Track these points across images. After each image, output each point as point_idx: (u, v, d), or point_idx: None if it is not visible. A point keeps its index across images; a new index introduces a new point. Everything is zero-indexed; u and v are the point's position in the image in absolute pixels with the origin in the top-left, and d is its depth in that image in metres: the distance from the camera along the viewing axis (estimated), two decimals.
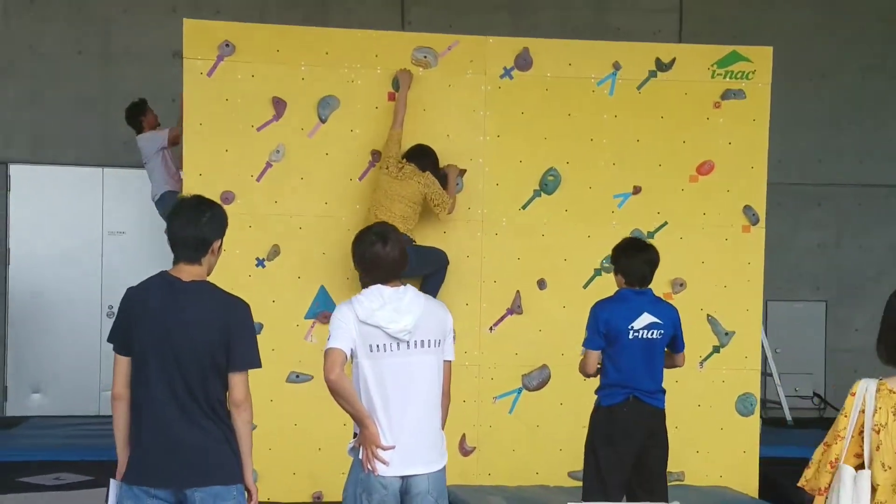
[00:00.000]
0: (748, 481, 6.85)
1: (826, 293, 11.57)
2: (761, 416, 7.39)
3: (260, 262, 6.66)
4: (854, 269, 11.60)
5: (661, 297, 5.55)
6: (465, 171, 6.69)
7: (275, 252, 6.65)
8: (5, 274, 10.69)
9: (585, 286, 6.81)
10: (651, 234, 6.77)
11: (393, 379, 3.95)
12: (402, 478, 3.94)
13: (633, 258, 5.03)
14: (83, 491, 6.76)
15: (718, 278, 6.90)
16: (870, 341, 12.40)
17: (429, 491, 3.95)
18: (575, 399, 6.69)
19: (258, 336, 3.97)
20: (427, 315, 4.02)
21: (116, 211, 11.32)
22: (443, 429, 4.11)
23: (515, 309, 6.75)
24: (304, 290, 6.70)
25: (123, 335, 3.89)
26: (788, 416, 9.57)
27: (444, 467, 4.04)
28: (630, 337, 4.91)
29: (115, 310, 4.08)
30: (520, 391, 6.77)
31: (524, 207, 6.80)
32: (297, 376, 6.64)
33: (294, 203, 6.69)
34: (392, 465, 3.92)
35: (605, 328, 4.93)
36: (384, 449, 3.91)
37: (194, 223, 3.87)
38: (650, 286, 5.08)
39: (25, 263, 11.10)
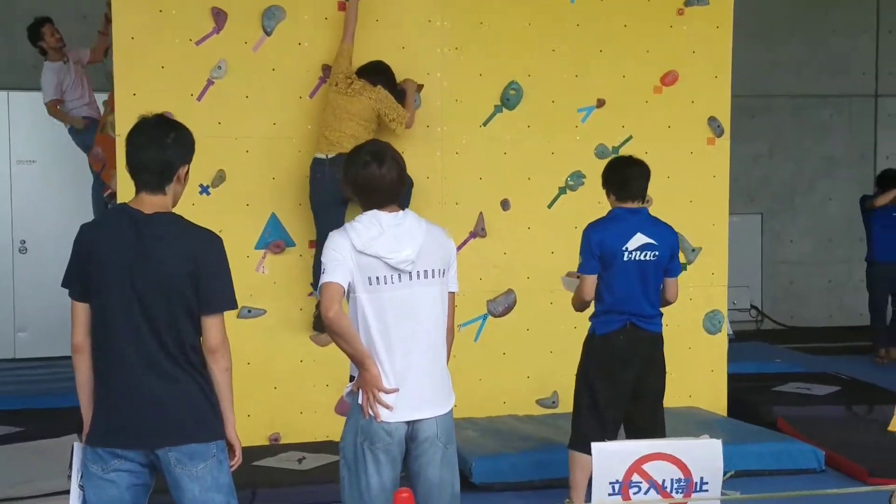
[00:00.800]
0: (717, 400, 6.72)
1: (760, 205, 11.54)
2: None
3: (204, 189, 6.18)
4: (788, 182, 11.57)
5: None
6: (422, 86, 6.27)
7: (220, 178, 6.17)
8: None
9: (550, 206, 6.51)
10: (616, 150, 6.48)
11: (395, 314, 3.58)
12: (408, 423, 3.59)
13: (624, 172, 4.71)
14: (15, 445, 6.21)
15: (684, 193, 6.67)
16: (805, 253, 12.59)
17: (437, 436, 3.62)
18: (542, 325, 6.46)
19: None
20: (429, 242, 3.66)
21: (25, 138, 10.58)
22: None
23: (479, 232, 6.42)
24: (254, 218, 6.25)
25: (79, 279, 3.43)
26: (730, 330, 9.51)
27: (452, 409, 3.71)
28: (624, 259, 4.61)
29: (27, 245, 3.56)
30: (485, 318, 6.47)
31: (485, 124, 6.43)
32: (249, 311, 6.23)
33: (239, 124, 6.19)
34: (396, 410, 3.56)
35: (599, 250, 4.61)
36: (387, 392, 3.55)
37: (157, 145, 3.41)
38: (644, 205, 4.77)
39: None
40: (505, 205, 6.46)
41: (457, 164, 6.37)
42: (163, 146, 3.42)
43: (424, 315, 3.62)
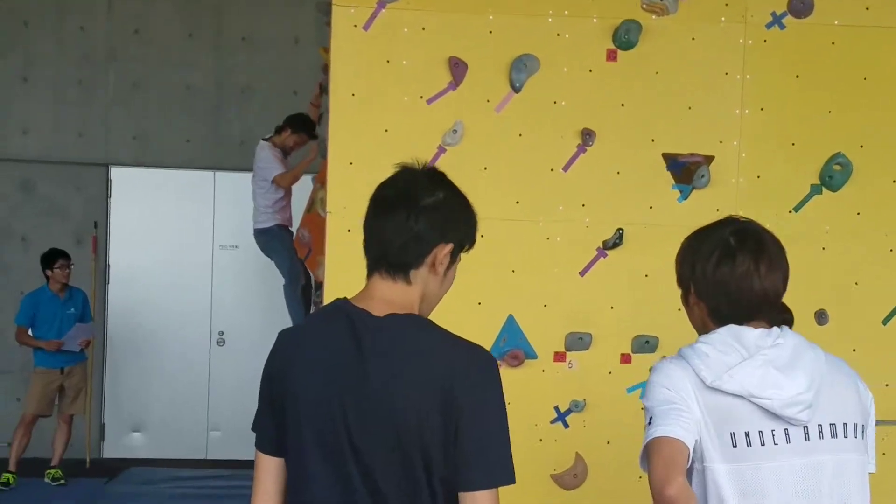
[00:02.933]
0: None
1: None
2: None
3: None
4: None
5: None
6: (711, 158, 4.81)
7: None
8: (104, 293, 9.15)
9: (885, 321, 4.86)
10: None
11: (782, 500, 2.08)
12: None
13: None
14: None
15: None
16: None
17: None
18: None
19: None
20: (832, 377, 2.17)
21: (228, 220, 9.75)
22: None
23: None
24: (487, 320, 4.89)
25: (272, 419, 2.13)
26: None
27: None
28: None
29: (224, 337, 2.32)
30: None
31: (797, 209, 4.87)
32: None
33: (474, 202, 4.88)
34: None
35: None
36: None
37: (406, 205, 2.20)
38: None
39: (126, 281, 9.58)
40: (821, 317, 4.85)
41: None
42: (416, 209, 2.17)
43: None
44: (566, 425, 4.91)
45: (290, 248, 7.39)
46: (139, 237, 9.62)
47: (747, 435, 2.07)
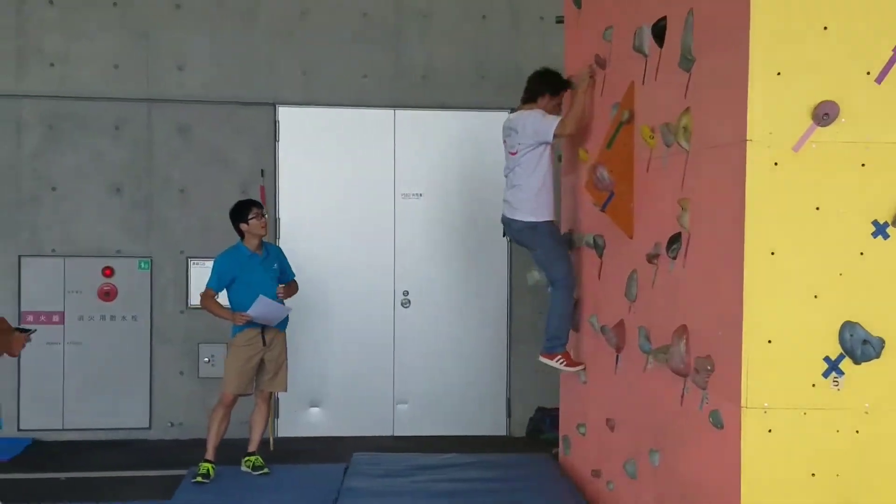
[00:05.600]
0: None
1: None
2: None
3: (880, 230, 3.67)
4: None
5: None
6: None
7: None
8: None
9: None
10: None
11: None
12: None
13: None
14: None
15: None
16: None
17: None
18: None
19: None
20: None
21: (410, 165, 8.55)
22: None
23: None
24: None
25: None
26: None
27: None
28: None
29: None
30: None
31: None
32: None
33: None
34: None
35: None
36: None
37: None
38: None
39: (296, 235, 8.42)
40: None
41: None
42: None
43: None
44: None
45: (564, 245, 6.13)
46: (310, 186, 8.44)
47: None
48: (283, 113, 8.42)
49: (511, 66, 8.37)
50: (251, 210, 6.73)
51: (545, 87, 6.04)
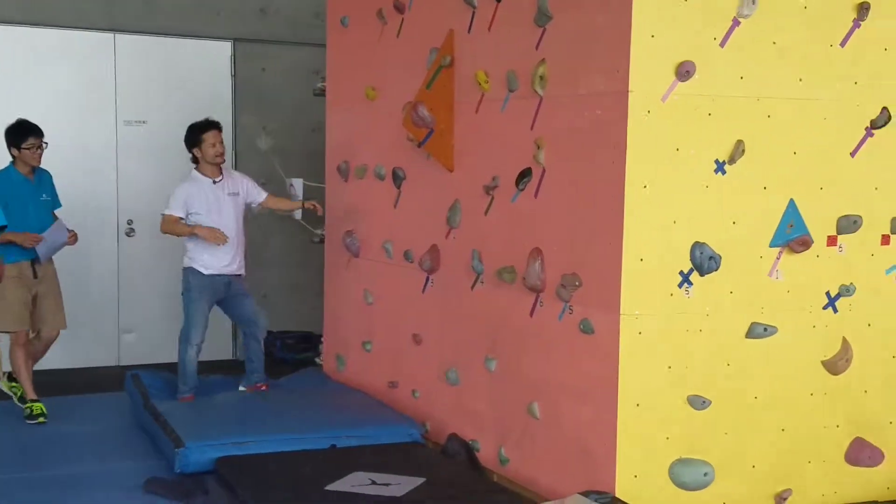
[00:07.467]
0: None
1: None
2: None
3: (720, 167, 4.55)
4: None
5: None
6: None
7: (739, 151, 4.56)
8: None
9: None
10: None
11: None
12: None
13: None
14: None
15: None
16: None
17: None
18: None
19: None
20: None
21: (132, 93, 8.32)
22: None
23: None
24: (769, 205, 4.68)
25: None
26: None
27: None
28: None
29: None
30: None
31: None
32: (765, 329, 4.67)
33: (763, 80, 4.60)
34: None
35: None
36: None
37: None
38: None
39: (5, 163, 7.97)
40: None
41: None
42: None
43: None
44: (836, 310, 4.86)
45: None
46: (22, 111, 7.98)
47: None
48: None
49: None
50: (27, 139, 6.40)
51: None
